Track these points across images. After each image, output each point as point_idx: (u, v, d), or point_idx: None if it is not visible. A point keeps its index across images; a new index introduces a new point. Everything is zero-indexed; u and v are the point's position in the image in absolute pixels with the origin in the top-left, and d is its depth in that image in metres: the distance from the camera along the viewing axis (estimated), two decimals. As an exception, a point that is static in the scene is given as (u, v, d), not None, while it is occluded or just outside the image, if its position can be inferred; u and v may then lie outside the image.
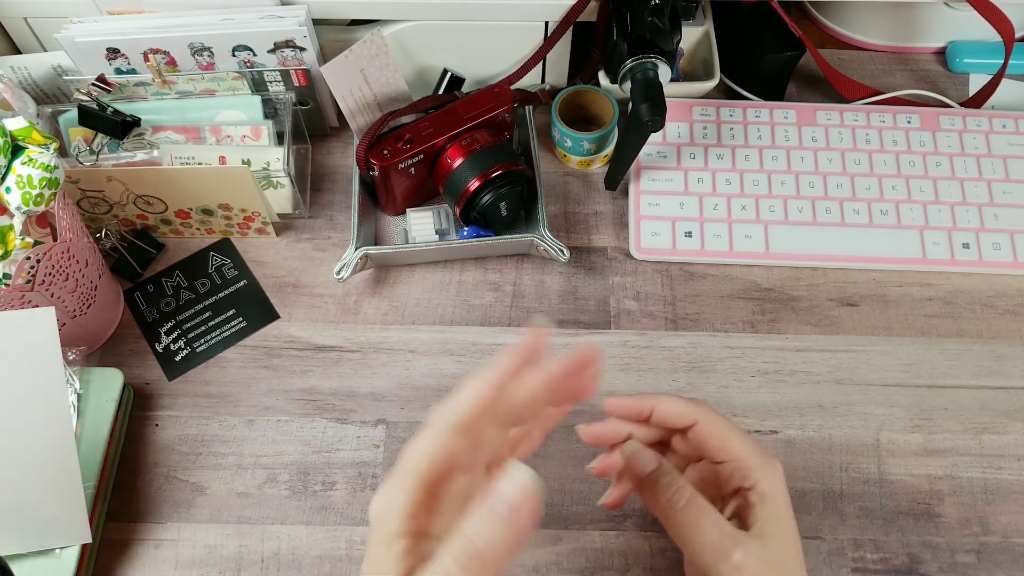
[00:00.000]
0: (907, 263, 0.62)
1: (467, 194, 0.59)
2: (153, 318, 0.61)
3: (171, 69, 0.61)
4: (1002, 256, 0.62)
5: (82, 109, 0.57)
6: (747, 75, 0.69)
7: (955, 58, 0.73)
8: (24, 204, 0.49)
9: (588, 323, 0.61)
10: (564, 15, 0.62)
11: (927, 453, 0.56)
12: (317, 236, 0.65)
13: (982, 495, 0.54)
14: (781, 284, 0.62)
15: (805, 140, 0.66)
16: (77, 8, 0.60)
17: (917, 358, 0.59)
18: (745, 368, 0.59)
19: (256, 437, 0.56)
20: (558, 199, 0.66)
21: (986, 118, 0.67)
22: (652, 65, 0.59)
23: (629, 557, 0.52)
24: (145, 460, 0.56)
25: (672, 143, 0.67)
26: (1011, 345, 0.60)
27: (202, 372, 0.59)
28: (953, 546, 0.53)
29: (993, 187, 0.64)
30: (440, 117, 0.60)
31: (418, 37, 0.63)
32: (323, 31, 0.62)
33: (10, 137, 0.49)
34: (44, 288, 0.51)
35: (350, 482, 0.55)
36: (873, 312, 0.61)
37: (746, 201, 0.64)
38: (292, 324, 0.61)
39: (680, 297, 0.62)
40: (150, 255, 0.63)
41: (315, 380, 0.59)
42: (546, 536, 0.53)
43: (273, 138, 0.61)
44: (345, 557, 0.52)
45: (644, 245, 0.63)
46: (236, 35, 0.59)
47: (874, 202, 0.64)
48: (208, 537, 0.53)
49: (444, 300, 0.62)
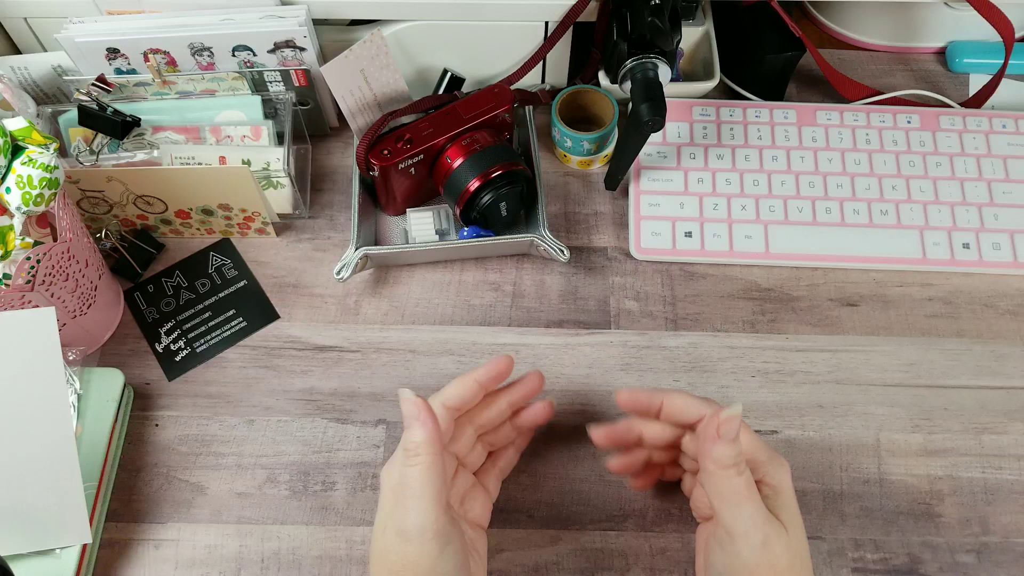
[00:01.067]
0: (907, 263, 0.62)
1: (467, 194, 0.59)
2: (153, 318, 0.61)
3: (171, 69, 0.61)
4: (1002, 256, 0.62)
5: (82, 109, 0.57)
6: (747, 75, 0.69)
7: (955, 58, 0.73)
8: (24, 204, 0.49)
9: (588, 323, 0.61)
10: (564, 15, 0.62)
11: (927, 453, 0.56)
12: (317, 236, 0.65)
13: (982, 495, 0.54)
14: (781, 284, 0.62)
15: (805, 140, 0.66)
16: (77, 8, 0.59)
17: (917, 358, 0.59)
18: (745, 368, 0.59)
19: (256, 437, 0.56)
20: (558, 199, 0.66)
21: (986, 118, 0.67)
22: (652, 65, 0.59)
23: (629, 557, 0.52)
24: (145, 460, 0.56)
25: (672, 143, 0.67)
26: (1011, 345, 0.60)
27: (202, 372, 0.59)
28: (953, 546, 0.53)
29: (993, 187, 0.64)
30: (440, 117, 0.60)
31: (418, 37, 0.63)
32: (323, 31, 0.62)
33: (10, 137, 0.49)
34: (44, 288, 0.51)
35: (350, 482, 0.55)
36: (873, 312, 0.61)
37: (746, 201, 0.64)
38: (292, 324, 0.61)
39: (680, 297, 0.62)
40: (150, 255, 0.63)
41: (315, 380, 0.59)
42: (546, 536, 0.53)
43: (273, 138, 0.61)
44: (345, 557, 0.52)
45: (644, 245, 0.63)
46: (236, 35, 0.59)
47: (874, 202, 0.64)
48: (208, 537, 0.53)
49: (444, 300, 0.62)
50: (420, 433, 0.42)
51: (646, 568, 0.52)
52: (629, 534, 0.53)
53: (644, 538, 0.53)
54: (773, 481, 0.44)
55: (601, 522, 0.53)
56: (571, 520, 0.53)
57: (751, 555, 0.42)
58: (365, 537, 0.53)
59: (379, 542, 0.43)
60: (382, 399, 0.58)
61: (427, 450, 0.42)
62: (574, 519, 0.54)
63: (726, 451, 0.42)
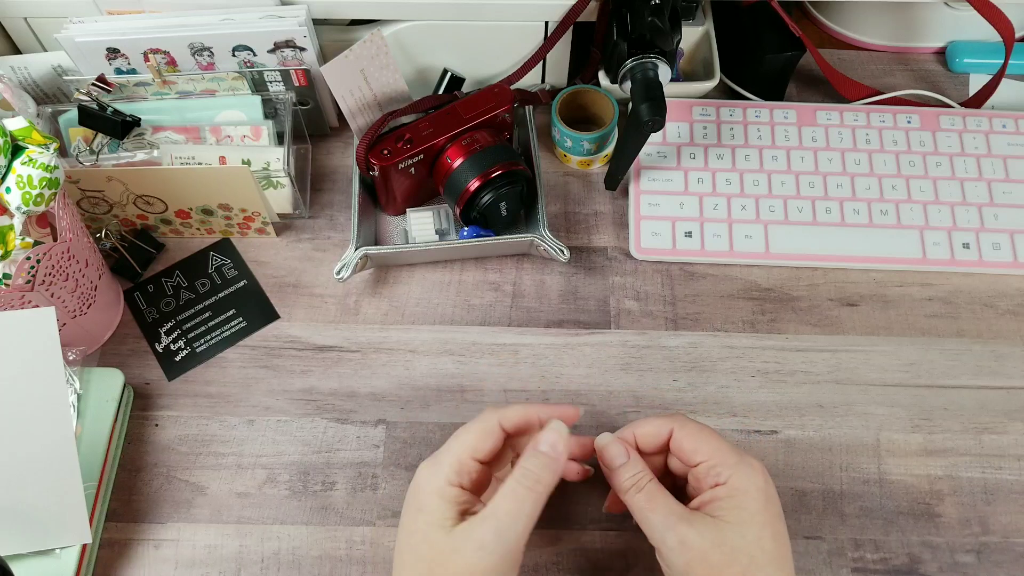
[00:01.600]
0: (907, 263, 0.62)
1: (467, 194, 0.59)
2: (153, 318, 0.61)
3: (171, 69, 0.61)
4: (1002, 256, 0.62)
5: (82, 109, 0.57)
6: (747, 75, 0.69)
7: (955, 58, 0.73)
8: (24, 204, 0.49)
9: (588, 323, 0.61)
10: (564, 15, 0.62)
11: (927, 453, 0.56)
12: (317, 236, 0.65)
13: (982, 495, 0.54)
14: (781, 284, 0.62)
15: (805, 140, 0.66)
16: (77, 8, 0.59)
17: (917, 358, 0.59)
18: (745, 368, 0.59)
19: (256, 437, 0.56)
20: (558, 199, 0.66)
21: (986, 118, 0.67)
22: (652, 65, 0.59)
23: (629, 557, 0.52)
24: (145, 460, 0.56)
25: (672, 143, 0.67)
26: (1011, 345, 0.60)
27: (202, 372, 0.59)
28: (953, 546, 0.53)
29: (993, 187, 0.64)
30: (440, 117, 0.60)
31: (418, 37, 0.63)
32: (323, 31, 0.62)
33: (10, 137, 0.49)
34: (44, 288, 0.51)
35: (350, 482, 0.55)
36: (873, 312, 0.61)
37: (746, 201, 0.64)
38: (292, 324, 0.61)
39: (680, 297, 0.62)
40: (150, 255, 0.63)
41: (315, 380, 0.59)
42: (546, 536, 0.53)
43: (273, 138, 0.61)
44: (345, 557, 0.52)
45: (644, 245, 0.63)
46: (236, 35, 0.59)
47: (874, 202, 0.64)
48: (208, 537, 0.53)
49: (444, 300, 0.62)
50: (553, 476, 0.44)
51: (646, 568, 0.52)
52: (629, 534, 0.53)
53: (644, 538, 0.52)
54: (734, 483, 0.43)
55: (601, 522, 0.53)
56: (571, 520, 0.53)
57: (677, 558, 0.42)
58: (365, 537, 0.53)
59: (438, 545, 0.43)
60: (382, 399, 0.58)
61: (547, 486, 0.43)
62: (574, 519, 0.53)
63: (616, 478, 0.45)
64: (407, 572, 0.43)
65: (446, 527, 0.42)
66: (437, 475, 0.44)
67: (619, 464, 0.45)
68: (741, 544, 0.42)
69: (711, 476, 0.44)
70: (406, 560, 0.43)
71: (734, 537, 0.42)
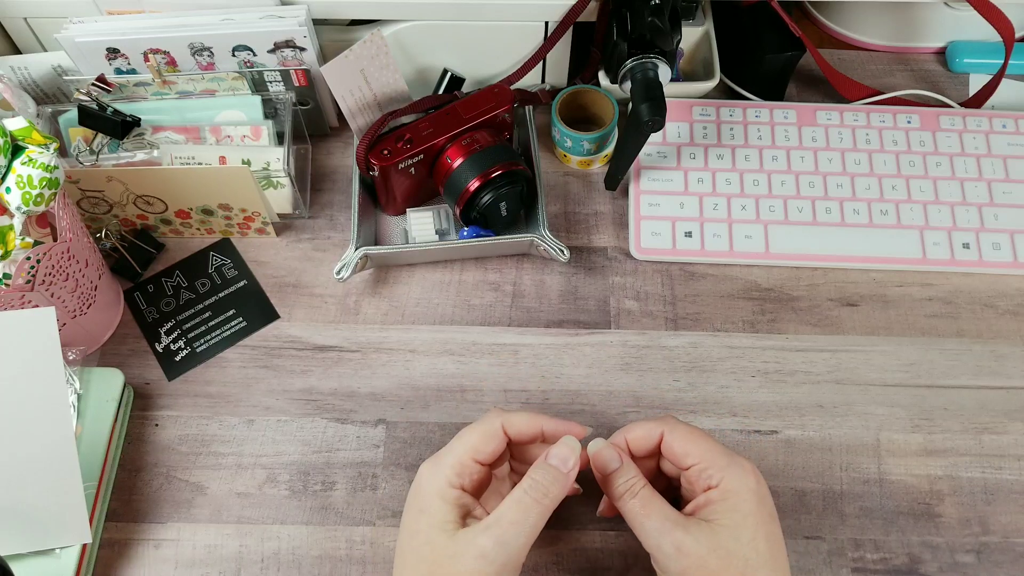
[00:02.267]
0: (907, 263, 0.62)
1: (467, 194, 0.59)
2: (153, 318, 0.61)
3: (171, 69, 0.61)
4: (1002, 256, 0.62)
5: (82, 109, 0.57)
6: (747, 75, 0.69)
7: (955, 58, 0.73)
8: (24, 204, 0.49)
9: (588, 323, 0.61)
10: (564, 15, 0.62)
11: (927, 453, 0.56)
12: (317, 236, 0.65)
13: (982, 495, 0.54)
14: (781, 284, 0.62)
15: (805, 140, 0.66)
16: (77, 8, 0.60)
17: (917, 358, 0.59)
18: (745, 368, 0.59)
19: (256, 437, 0.56)
20: (558, 199, 0.66)
21: (986, 118, 0.67)
22: (652, 65, 0.59)
23: (629, 557, 0.52)
24: (145, 460, 0.56)
25: (672, 143, 0.67)
26: (1011, 345, 0.60)
27: (202, 372, 0.59)
28: (953, 546, 0.53)
29: (993, 187, 0.64)
30: (440, 117, 0.60)
31: (418, 37, 0.63)
32: (323, 31, 0.62)
33: (10, 137, 0.49)
34: (44, 288, 0.51)
35: (350, 482, 0.55)
36: (873, 312, 0.61)
37: (746, 201, 0.64)
38: (292, 324, 0.61)
39: (680, 297, 0.62)
40: (150, 255, 0.63)
41: (315, 380, 0.59)
42: (546, 536, 0.53)
43: (273, 138, 0.61)
44: (345, 557, 0.52)
45: (644, 245, 0.63)
46: (236, 35, 0.59)
47: (874, 202, 0.64)
48: (208, 537, 0.53)
49: (444, 300, 0.62)
50: (561, 489, 0.44)
51: (646, 568, 0.52)
52: (629, 534, 0.52)
53: (644, 538, 0.53)
54: (726, 485, 0.43)
55: (601, 522, 0.53)
56: (571, 520, 0.53)
57: (673, 565, 0.42)
58: (365, 537, 0.53)
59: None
60: (382, 399, 0.58)
61: (554, 500, 0.44)
62: (574, 519, 0.53)
63: (610, 484, 0.45)
64: (408, 572, 0.43)
65: (448, 530, 0.42)
66: (438, 476, 0.44)
67: (612, 469, 0.45)
68: (736, 547, 0.42)
69: (703, 479, 0.44)
70: (407, 560, 0.43)
71: (729, 541, 0.42)
